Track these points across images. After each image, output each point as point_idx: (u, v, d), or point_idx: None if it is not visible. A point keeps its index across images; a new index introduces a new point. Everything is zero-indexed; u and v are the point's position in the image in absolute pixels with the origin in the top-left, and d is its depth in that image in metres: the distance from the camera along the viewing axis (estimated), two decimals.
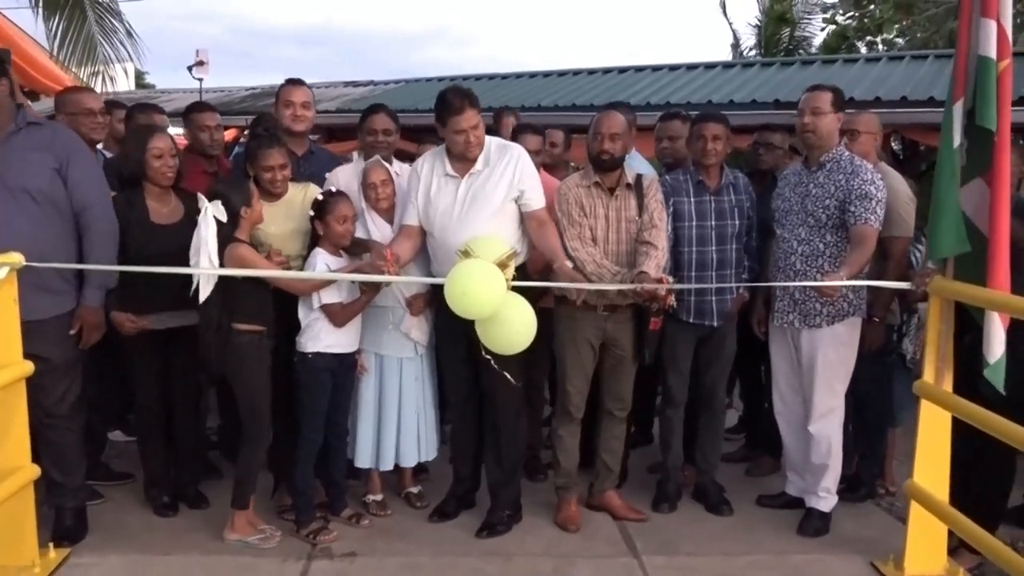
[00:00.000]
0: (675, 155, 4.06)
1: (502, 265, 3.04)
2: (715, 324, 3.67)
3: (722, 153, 3.64)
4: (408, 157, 4.27)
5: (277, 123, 3.82)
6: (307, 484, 3.43)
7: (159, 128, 3.54)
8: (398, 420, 3.62)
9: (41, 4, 7.13)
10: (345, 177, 3.65)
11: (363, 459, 3.63)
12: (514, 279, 3.11)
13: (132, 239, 3.33)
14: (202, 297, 3.11)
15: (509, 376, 3.31)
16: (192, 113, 4.00)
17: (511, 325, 3.01)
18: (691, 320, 3.66)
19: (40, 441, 3.14)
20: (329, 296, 3.31)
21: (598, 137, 3.44)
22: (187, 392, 3.57)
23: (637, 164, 3.87)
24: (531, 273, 3.49)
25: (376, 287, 3.32)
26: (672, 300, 3.37)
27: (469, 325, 3.28)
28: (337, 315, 3.32)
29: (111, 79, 8.15)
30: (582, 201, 3.46)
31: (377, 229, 3.53)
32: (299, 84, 3.94)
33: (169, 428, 3.59)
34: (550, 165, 4.16)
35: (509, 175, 3.36)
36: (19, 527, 3.01)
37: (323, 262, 3.31)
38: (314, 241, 3.41)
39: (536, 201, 3.41)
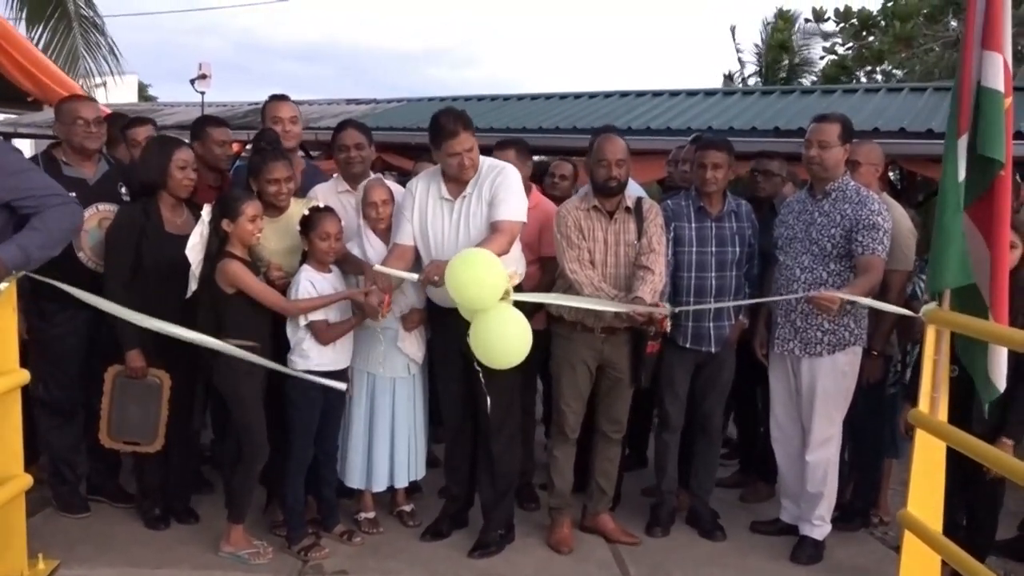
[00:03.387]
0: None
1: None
2: (712, 350, 3.67)
3: (723, 181, 3.63)
4: (405, 175, 4.30)
5: (280, 137, 3.82)
6: (298, 501, 3.42)
7: (182, 140, 3.58)
8: (391, 440, 3.61)
9: (25, 13, 7.12)
10: (322, 195, 3.64)
11: (353, 479, 3.61)
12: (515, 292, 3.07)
13: (146, 247, 3.35)
14: (188, 292, 3.20)
15: (489, 397, 3.33)
16: (207, 127, 4.02)
17: (507, 336, 2.95)
18: (688, 346, 3.66)
19: None
20: (315, 314, 3.30)
21: (604, 163, 3.43)
22: (181, 406, 3.56)
23: (633, 190, 3.89)
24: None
25: (366, 313, 3.29)
26: (668, 325, 3.37)
27: (465, 345, 3.25)
28: (323, 333, 3.30)
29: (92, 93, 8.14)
30: (581, 224, 3.46)
31: (372, 249, 3.51)
32: (284, 100, 3.93)
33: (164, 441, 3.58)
34: (559, 198, 4.12)
35: (488, 193, 3.33)
36: (8, 536, 2.99)
37: (306, 280, 3.30)
38: (305, 256, 3.40)
39: (503, 212, 3.26)
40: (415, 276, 3.21)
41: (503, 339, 2.93)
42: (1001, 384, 2.91)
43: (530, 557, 3.49)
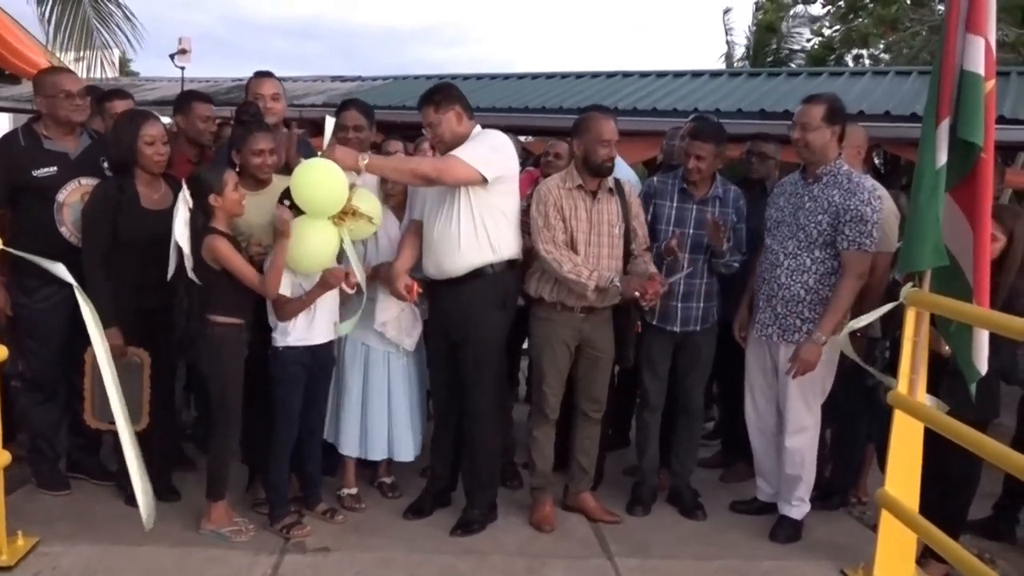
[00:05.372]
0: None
1: (348, 212, 3.20)
2: (677, 330, 3.68)
3: (708, 171, 3.65)
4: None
5: (260, 111, 3.78)
6: (281, 479, 3.41)
7: (151, 115, 3.53)
8: (388, 412, 3.63)
9: None
10: None
11: (349, 447, 3.63)
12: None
13: (123, 223, 3.32)
14: (169, 274, 3.17)
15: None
16: (192, 102, 3.97)
17: (306, 247, 3.17)
18: (654, 323, 3.67)
19: None
20: (281, 288, 3.25)
21: (605, 144, 3.41)
22: (161, 383, 3.53)
23: (623, 171, 3.88)
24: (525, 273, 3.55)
25: (325, 285, 3.27)
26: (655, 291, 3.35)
27: (452, 329, 3.38)
28: (281, 308, 3.27)
29: (112, 64, 7.97)
30: (562, 204, 3.45)
31: (384, 229, 3.54)
32: (268, 76, 3.90)
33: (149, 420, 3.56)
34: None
35: None
36: None
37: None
38: None
39: (456, 151, 3.26)
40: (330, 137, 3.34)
41: (302, 247, 3.15)
42: (983, 367, 2.94)
43: (512, 535, 3.50)
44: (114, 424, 3.39)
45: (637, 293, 3.30)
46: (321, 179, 3.10)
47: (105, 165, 3.58)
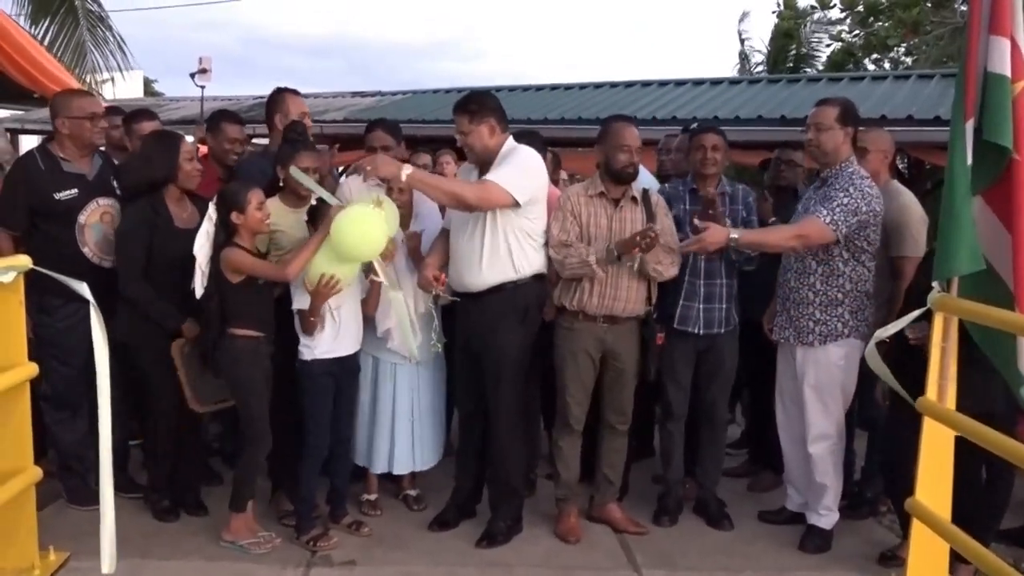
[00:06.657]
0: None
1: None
2: (700, 333, 3.65)
3: (721, 163, 3.68)
4: None
5: (307, 129, 3.78)
6: (311, 491, 3.43)
7: (181, 133, 3.60)
8: (392, 425, 3.65)
9: (30, 8, 7.15)
10: (354, 187, 3.65)
11: (357, 457, 3.68)
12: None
13: (158, 243, 3.39)
14: (198, 293, 3.19)
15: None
16: (222, 122, 4.03)
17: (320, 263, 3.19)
18: (676, 326, 3.65)
19: None
20: (300, 302, 3.30)
21: (626, 148, 3.43)
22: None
23: (645, 180, 3.88)
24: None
25: (319, 296, 3.24)
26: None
27: (473, 341, 3.41)
28: (304, 322, 3.31)
29: (100, 88, 8.19)
30: (580, 211, 3.47)
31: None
32: (298, 94, 3.96)
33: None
34: None
35: None
36: (19, 529, 3.02)
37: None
38: None
39: (490, 175, 3.29)
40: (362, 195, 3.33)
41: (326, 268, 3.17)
42: None
43: (538, 547, 3.49)
44: (219, 403, 3.49)
45: (639, 244, 3.28)
46: (366, 233, 3.11)
47: (115, 184, 3.64)
